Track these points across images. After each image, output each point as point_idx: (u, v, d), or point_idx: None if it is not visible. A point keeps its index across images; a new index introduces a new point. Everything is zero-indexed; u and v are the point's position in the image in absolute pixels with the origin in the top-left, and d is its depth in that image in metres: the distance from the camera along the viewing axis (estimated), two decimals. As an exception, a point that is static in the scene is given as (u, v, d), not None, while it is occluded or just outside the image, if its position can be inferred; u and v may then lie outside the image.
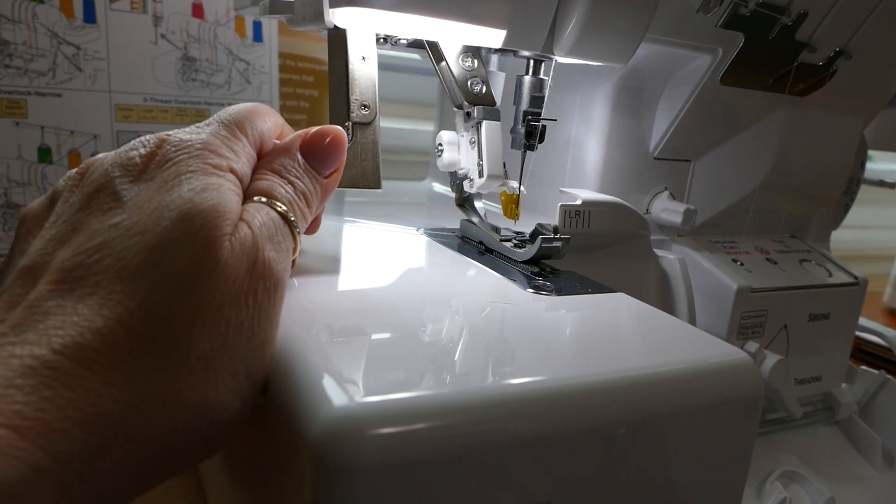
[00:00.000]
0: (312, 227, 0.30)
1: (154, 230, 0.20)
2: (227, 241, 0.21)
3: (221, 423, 0.21)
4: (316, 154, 0.26)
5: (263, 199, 0.24)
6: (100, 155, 0.24)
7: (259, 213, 0.23)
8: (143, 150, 0.23)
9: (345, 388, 0.19)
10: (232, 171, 0.23)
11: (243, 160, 0.24)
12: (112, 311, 0.19)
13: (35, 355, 0.18)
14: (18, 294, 0.20)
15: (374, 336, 0.24)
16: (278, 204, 0.24)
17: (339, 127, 0.27)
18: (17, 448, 0.17)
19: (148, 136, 0.24)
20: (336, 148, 0.27)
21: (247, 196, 0.24)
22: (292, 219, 0.24)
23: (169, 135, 0.24)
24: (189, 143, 0.23)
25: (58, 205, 0.23)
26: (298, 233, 0.25)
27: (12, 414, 0.17)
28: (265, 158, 0.26)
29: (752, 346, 0.45)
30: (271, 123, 0.27)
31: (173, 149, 0.23)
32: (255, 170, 0.25)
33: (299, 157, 0.26)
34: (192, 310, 0.20)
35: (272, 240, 0.23)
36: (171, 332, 0.19)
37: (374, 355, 0.23)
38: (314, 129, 0.27)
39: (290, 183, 0.25)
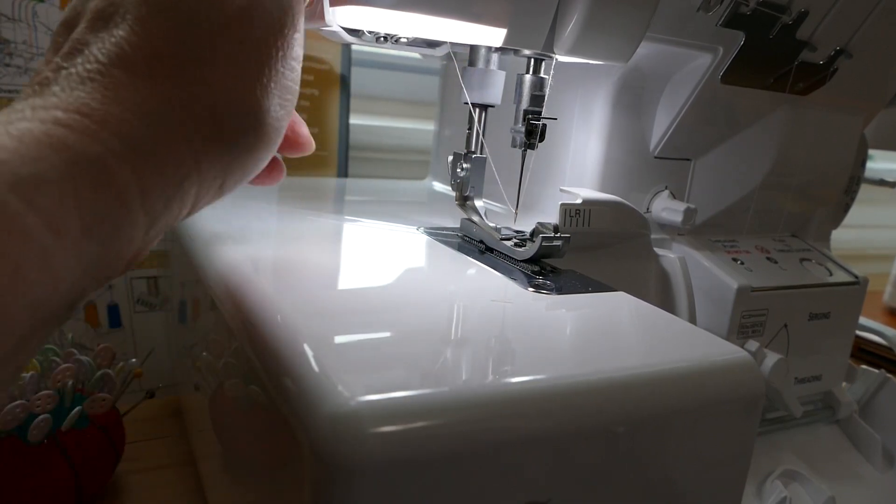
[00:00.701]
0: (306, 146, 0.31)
1: None
2: None
3: (264, 118, 0.23)
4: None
5: None
6: None
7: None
8: None
9: (345, 386, 0.19)
10: None
11: None
12: (145, 29, 0.22)
13: (88, 69, 0.21)
14: (60, 42, 0.23)
15: (375, 335, 0.24)
16: None
17: None
18: (92, 130, 0.19)
19: None
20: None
21: None
22: None
23: None
24: None
25: None
26: None
27: (82, 106, 0.20)
28: None
29: (753, 345, 0.45)
30: None
31: None
32: None
33: None
34: (208, 20, 0.22)
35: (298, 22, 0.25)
36: (199, 40, 0.22)
37: (375, 354, 0.23)
38: None
39: None
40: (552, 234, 0.34)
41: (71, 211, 0.18)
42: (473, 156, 0.38)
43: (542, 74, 0.36)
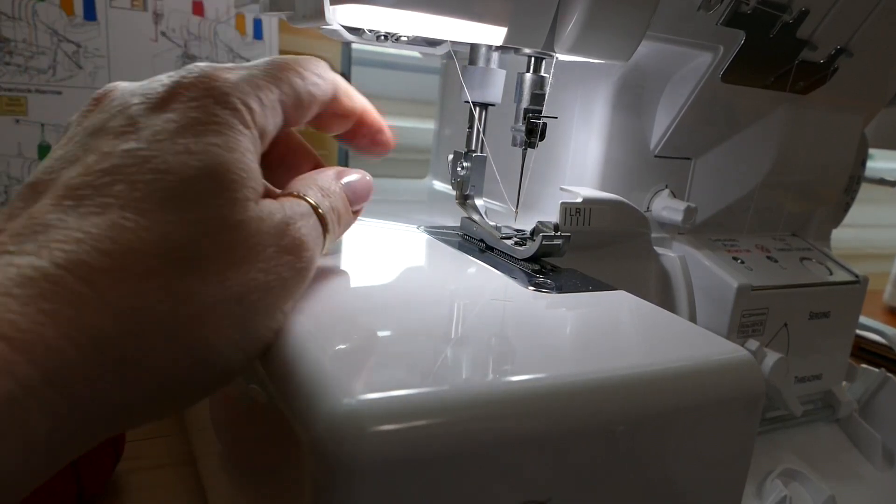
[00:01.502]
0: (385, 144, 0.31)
1: (178, 174, 0.19)
2: (252, 204, 0.21)
3: (215, 370, 0.20)
4: (356, 193, 0.28)
5: (306, 197, 0.24)
6: (119, 82, 0.23)
7: (296, 205, 0.23)
8: (167, 81, 0.22)
9: (346, 385, 0.19)
10: (260, 129, 0.23)
11: (269, 117, 0.23)
12: (122, 238, 0.18)
13: (35, 266, 0.17)
14: (19, 207, 0.20)
15: (375, 333, 0.24)
16: (317, 206, 0.25)
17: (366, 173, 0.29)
18: (7, 361, 0.16)
19: (174, 73, 0.23)
20: (368, 189, 0.28)
21: (287, 192, 0.25)
22: (325, 221, 0.25)
23: (198, 68, 0.22)
24: (218, 84, 0.22)
25: (70, 128, 0.22)
26: (327, 239, 0.25)
27: (6, 324, 0.16)
28: (311, 174, 0.27)
29: (753, 344, 0.45)
30: (313, 84, 0.26)
31: (202, 87, 0.22)
32: (300, 179, 0.26)
33: (338, 183, 0.27)
34: (209, 259, 0.19)
35: (305, 224, 0.23)
36: (183, 271, 0.19)
37: (375, 353, 0.23)
38: (359, 172, 0.28)
39: (329, 197, 0.26)
40: (552, 233, 0.34)
41: None
42: (474, 154, 0.38)
43: (542, 73, 0.36)
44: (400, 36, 0.36)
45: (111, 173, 0.19)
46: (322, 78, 0.26)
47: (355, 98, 0.28)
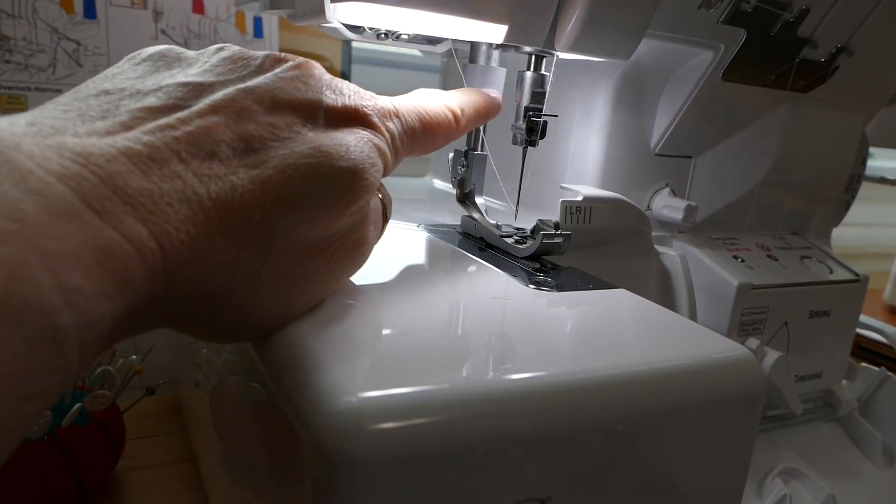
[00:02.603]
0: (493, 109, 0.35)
1: (329, 160, 0.22)
2: (366, 203, 0.24)
3: (254, 325, 0.23)
4: (425, 143, 0.30)
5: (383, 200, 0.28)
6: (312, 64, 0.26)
7: (374, 200, 0.26)
8: (349, 93, 0.25)
9: (347, 382, 0.19)
10: (384, 151, 0.26)
11: (394, 144, 0.27)
12: (262, 192, 0.21)
13: (191, 197, 0.19)
14: (181, 99, 0.21)
15: (376, 332, 0.24)
16: (383, 196, 0.28)
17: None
18: (155, 263, 0.18)
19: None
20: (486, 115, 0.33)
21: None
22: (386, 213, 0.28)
23: (368, 96, 0.26)
24: (382, 108, 0.26)
25: (260, 60, 0.24)
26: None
27: (163, 233, 0.18)
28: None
29: (753, 342, 0.45)
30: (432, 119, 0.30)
31: (368, 105, 0.25)
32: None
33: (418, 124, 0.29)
34: (311, 238, 0.22)
35: (375, 225, 0.27)
36: (286, 242, 0.21)
37: (376, 351, 0.23)
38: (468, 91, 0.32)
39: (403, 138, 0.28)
40: (553, 231, 0.34)
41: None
42: (474, 153, 0.38)
43: (542, 71, 0.36)
44: (400, 34, 0.36)
45: (281, 139, 0.22)
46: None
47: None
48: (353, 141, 0.23)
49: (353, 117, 0.24)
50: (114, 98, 0.21)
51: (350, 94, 0.25)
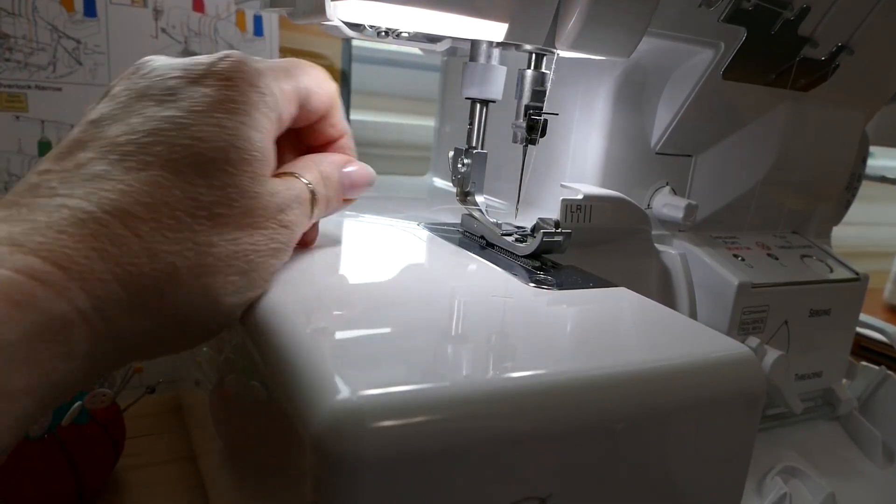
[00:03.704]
0: (310, 239, 0.33)
1: (211, 143, 0.23)
2: (265, 179, 0.24)
3: (222, 312, 0.24)
4: (353, 184, 0.31)
5: (304, 180, 0.28)
6: (155, 56, 0.26)
7: (294, 187, 0.27)
8: (205, 61, 0.25)
9: (346, 380, 0.19)
10: (278, 114, 0.26)
11: (287, 104, 0.27)
12: (158, 193, 0.21)
13: (86, 210, 0.20)
14: (64, 154, 0.23)
15: (376, 330, 0.24)
16: (313, 191, 0.28)
17: (373, 171, 0.32)
18: (64, 287, 0.19)
19: (211, 55, 0.26)
20: (365, 185, 0.32)
21: (290, 171, 0.28)
22: (315, 205, 0.28)
23: (235, 53, 0.25)
24: (251, 69, 0.25)
25: (114, 89, 0.25)
26: (311, 218, 0.28)
27: (63, 256, 0.19)
28: (319, 156, 0.30)
29: (753, 341, 0.45)
30: (318, 87, 0.29)
31: (237, 70, 0.25)
32: (308, 159, 0.29)
33: (338, 174, 0.30)
34: (227, 220, 0.23)
35: (299, 208, 0.27)
36: (205, 228, 0.22)
37: (376, 349, 0.23)
38: (361, 164, 0.32)
39: (326, 186, 0.29)
40: (553, 230, 0.34)
41: (21, 371, 0.18)
42: (474, 151, 0.38)
43: (543, 70, 0.36)
44: (401, 32, 0.36)
45: (153, 135, 0.22)
46: (324, 83, 0.29)
47: (342, 121, 0.32)
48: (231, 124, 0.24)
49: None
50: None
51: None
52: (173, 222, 0.21)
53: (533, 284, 0.31)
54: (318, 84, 0.29)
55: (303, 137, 0.31)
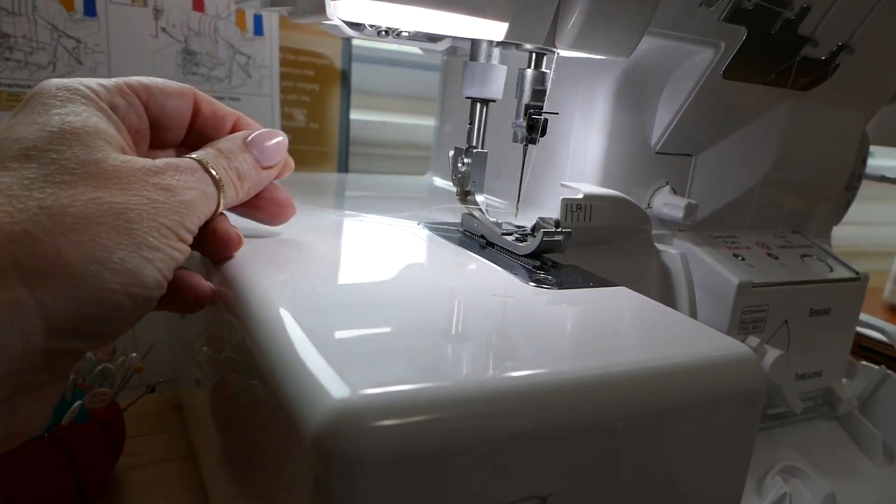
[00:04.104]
0: (283, 214, 0.34)
1: (30, 138, 0.25)
2: (109, 149, 0.26)
3: (115, 274, 0.24)
4: (262, 148, 0.31)
5: (191, 156, 0.28)
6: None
7: (175, 160, 0.27)
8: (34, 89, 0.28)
9: (346, 380, 0.19)
10: (108, 103, 0.28)
11: (116, 96, 0.28)
12: (4, 181, 0.23)
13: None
14: None
15: (376, 329, 0.24)
16: (205, 163, 0.28)
17: (283, 132, 0.32)
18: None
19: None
20: (278, 148, 0.32)
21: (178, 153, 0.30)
22: (215, 174, 0.28)
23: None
24: (60, 81, 0.28)
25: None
26: (223, 193, 0.29)
27: None
28: (219, 139, 0.31)
29: (753, 341, 0.45)
30: (167, 87, 0.31)
31: (52, 85, 0.27)
32: (207, 145, 0.30)
33: (241, 144, 0.31)
34: (72, 185, 0.24)
35: (181, 176, 0.27)
36: (50, 192, 0.23)
37: (375, 348, 0.23)
38: (263, 129, 0.32)
39: (226, 158, 0.30)
40: (553, 229, 0.34)
41: None
42: (474, 151, 0.38)
43: (543, 69, 0.36)
44: (401, 31, 0.36)
45: None
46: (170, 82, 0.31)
47: (224, 107, 0.33)
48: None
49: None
50: None
51: None
52: (11, 198, 0.22)
53: (533, 284, 0.31)
54: (161, 80, 0.31)
55: (205, 139, 0.32)
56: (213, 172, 0.28)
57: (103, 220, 0.23)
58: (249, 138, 0.31)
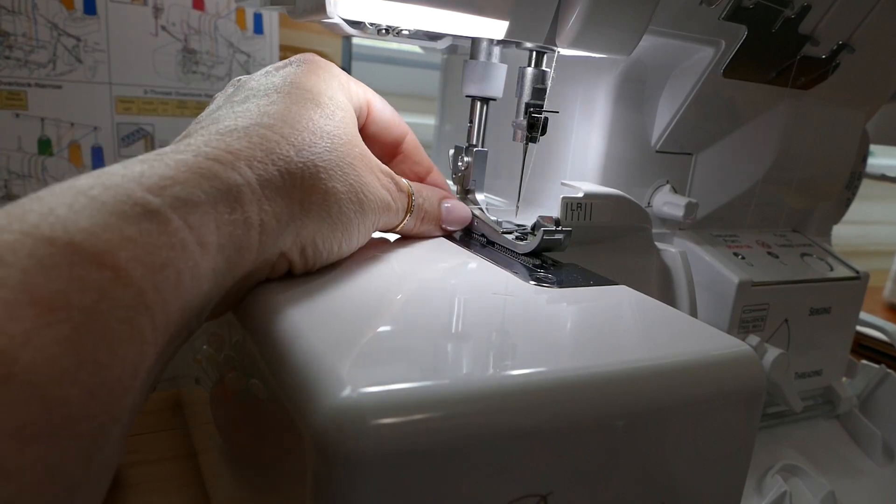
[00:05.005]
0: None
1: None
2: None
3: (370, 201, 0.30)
4: (449, 213, 0.36)
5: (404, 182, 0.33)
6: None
7: (391, 178, 0.32)
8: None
9: (347, 378, 0.19)
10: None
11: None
12: (294, 109, 0.28)
13: (240, 125, 0.26)
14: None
15: (376, 327, 0.24)
16: (411, 193, 0.33)
17: (469, 210, 0.38)
18: (234, 164, 0.24)
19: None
20: (462, 221, 0.37)
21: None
22: (413, 198, 0.33)
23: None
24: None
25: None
26: (408, 217, 0.34)
27: (232, 147, 0.24)
28: (429, 187, 0.36)
29: (753, 339, 0.45)
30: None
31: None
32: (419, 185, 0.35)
33: (438, 202, 0.36)
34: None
35: (381, 184, 0.31)
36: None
37: (376, 346, 0.23)
38: (458, 202, 0.37)
39: (424, 199, 0.35)
40: (554, 228, 0.34)
41: (212, 229, 0.22)
42: (475, 149, 0.38)
43: (543, 67, 0.36)
44: (401, 29, 0.36)
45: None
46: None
47: (426, 158, 0.37)
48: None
49: None
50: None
51: None
52: (308, 133, 0.27)
53: (533, 282, 0.31)
54: (384, 104, 0.35)
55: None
56: (413, 199, 0.33)
57: (353, 166, 0.28)
58: (448, 204, 0.36)
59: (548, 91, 0.36)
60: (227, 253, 0.22)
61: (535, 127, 0.36)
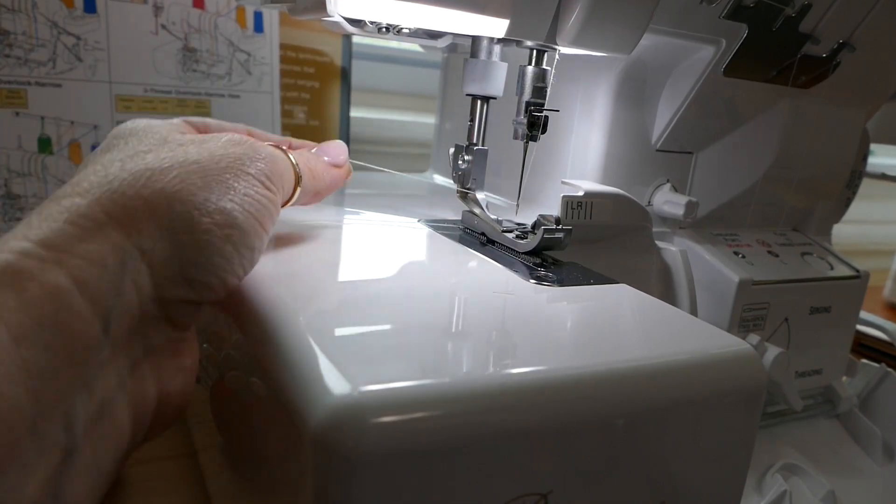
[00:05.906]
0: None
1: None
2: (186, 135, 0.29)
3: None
4: (326, 152, 0.34)
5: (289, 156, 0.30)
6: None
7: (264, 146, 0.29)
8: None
9: (347, 376, 0.19)
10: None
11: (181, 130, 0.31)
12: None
13: (57, 214, 0.23)
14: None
15: (376, 326, 0.24)
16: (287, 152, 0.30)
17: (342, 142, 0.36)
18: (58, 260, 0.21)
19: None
20: (340, 149, 0.35)
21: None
22: (293, 160, 0.30)
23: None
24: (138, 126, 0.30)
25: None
26: (301, 183, 0.30)
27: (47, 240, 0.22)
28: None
29: (754, 338, 0.45)
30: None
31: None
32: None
33: (310, 151, 0.34)
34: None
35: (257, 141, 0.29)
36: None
37: (376, 345, 0.23)
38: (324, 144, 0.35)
39: (301, 156, 0.31)
40: (554, 227, 0.34)
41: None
42: (475, 148, 0.38)
43: (544, 66, 0.36)
44: (401, 28, 0.36)
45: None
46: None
47: (272, 136, 0.35)
48: None
49: None
50: None
51: None
52: (96, 169, 0.24)
53: (533, 281, 0.31)
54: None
55: None
56: (292, 158, 0.30)
57: (182, 170, 0.24)
58: (315, 148, 0.35)
59: (548, 90, 0.36)
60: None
61: (536, 125, 0.36)
